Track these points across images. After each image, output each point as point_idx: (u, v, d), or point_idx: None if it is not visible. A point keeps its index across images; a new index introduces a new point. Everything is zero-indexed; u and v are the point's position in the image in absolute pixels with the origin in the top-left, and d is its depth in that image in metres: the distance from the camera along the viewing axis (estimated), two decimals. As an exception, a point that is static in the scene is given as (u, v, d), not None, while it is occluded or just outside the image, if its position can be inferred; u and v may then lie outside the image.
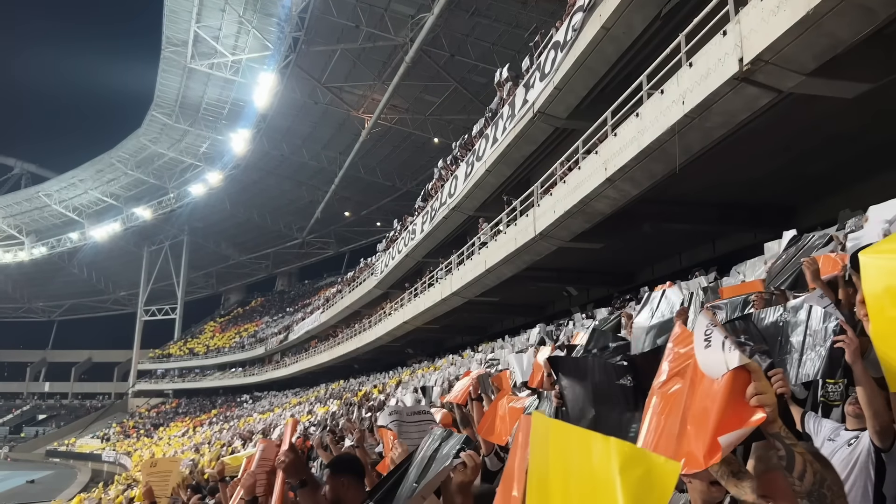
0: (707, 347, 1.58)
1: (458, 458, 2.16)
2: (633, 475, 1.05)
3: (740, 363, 1.49)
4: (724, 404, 1.49)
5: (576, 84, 15.04)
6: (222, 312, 79.47)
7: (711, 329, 1.60)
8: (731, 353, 1.51)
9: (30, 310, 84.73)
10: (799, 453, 1.50)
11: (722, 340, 1.55)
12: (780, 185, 12.90)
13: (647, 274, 18.43)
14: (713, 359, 1.56)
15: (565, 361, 3.35)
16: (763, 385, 1.47)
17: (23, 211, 65.72)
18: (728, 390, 1.49)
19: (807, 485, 1.49)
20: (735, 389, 1.49)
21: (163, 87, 47.36)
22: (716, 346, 1.56)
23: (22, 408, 74.55)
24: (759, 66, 8.15)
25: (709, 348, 1.58)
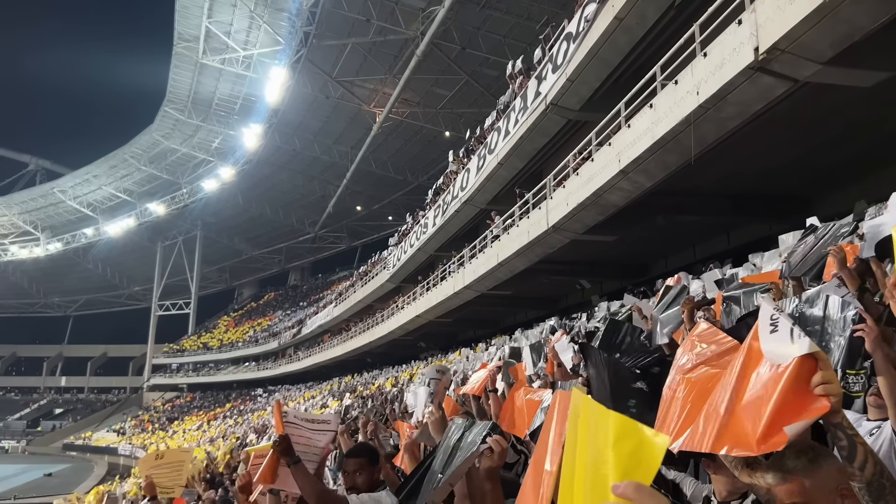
0: (773, 333, 1.60)
1: (484, 443, 2.16)
2: (625, 448, 1.06)
3: (810, 350, 1.50)
4: (786, 391, 1.50)
5: (588, 75, 14.94)
6: (236, 307, 79.96)
7: (778, 315, 1.62)
8: (800, 339, 1.52)
9: (46, 305, 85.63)
10: (860, 444, 1.52)
11: (790, 328, 1.56)
12: (795, 176, 12.77)
13: (660, 266, 18.34)
14: (780, 344, 1.57)
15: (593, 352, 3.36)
16: (830, 374, 1.49)
17: (38, 207, 66.30)
18: (792, 377, 1.50)
19: (867, 475, 1.51)
20: (799, 377, 1.50)
21: (175, 83, 47.53)
22: (783, 333, 1.57)
23: (39, 402, 75.42)
24: (775, 56, 8.07)
25: (775, 334, 1.59)
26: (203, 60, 43.72)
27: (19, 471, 41.44)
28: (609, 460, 1.07)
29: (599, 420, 1.15)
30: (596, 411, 1.18)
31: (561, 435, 1.63)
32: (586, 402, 1.22)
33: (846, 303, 3.16)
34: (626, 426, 1.10)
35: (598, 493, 1.07)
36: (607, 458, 1.08)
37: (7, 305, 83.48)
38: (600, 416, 1.15)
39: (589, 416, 1.18)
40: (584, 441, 1.17)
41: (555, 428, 1.71)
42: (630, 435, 1.08)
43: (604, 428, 1.12)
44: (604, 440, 1.10)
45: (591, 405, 1.20)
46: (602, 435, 1.11)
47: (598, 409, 1.18)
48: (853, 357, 3.02)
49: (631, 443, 1.07)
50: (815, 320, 3.21)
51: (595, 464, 1.11)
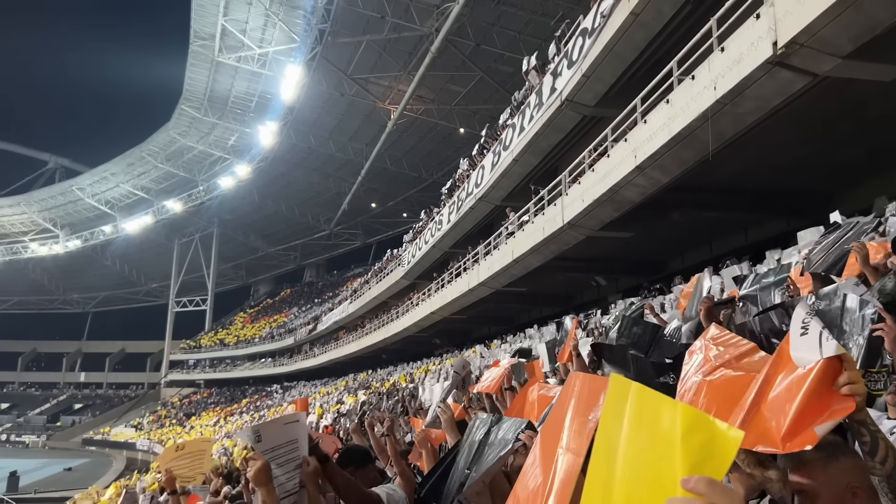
0: (803, 335, 1.65)
1: (518, 440, 2.16)
2: (695, 440, 1.02)
3: (837, 353, 1.55)
4: (811, 391, 1.56)
5: (604, 71, 14.87)
6: (252, 303, 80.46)
7: (809, 319, 1.67)
8: (827, 342, 1.58)
9: (65, 301, 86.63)
10: (882, 439, 1.58)
11: (820, 330, 1.62)
12: (814, 172, 12.65)
13: (677, 263, 18.23)
14: (808, 346, 1.63)
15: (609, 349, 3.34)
16: (855, 375, 1.55)
17: (57, 205, 67.00)
18: (818, 378, 1.56)
19: (888, 469, 1.56)
20: (825, 378, 1.55)
21: (191, 81, 47.81)
22: (813, 335, 1.63)
23: (59, 397, 76.31)
24: (794, 50, 7.98)
25: (805, 336, 1.65)
26: (219, 58, 43.95)
27: (40, 465, 42.00)
28: (675, 453, 1.03)
29: (662, 410, 1.10)
30: (655, 400, 1.14)
31: (584, 420, 1.63)
32: (640, 390, 1.17)
33: (865, 301, 3.11)
34: (698, 418, 1.06)
35: (659, 487, 1.03)
36: (673, 450, 1.03)
37: (27, 302, 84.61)
38: (663, 405, 1.11)
39: (644, 406, 1.14)
40: (635, 431, 1.13)
41: (574, 411, 1.70)
42: (701, 427, 1.04)
43: (668, 419, 1.08)
44: (668, 432, 1.06)
45: (648, 394, 1.16)
46: (665, 426, 1.07)
47: (658, 398, 1.14)
48: (873, 356, 2.98)
49: (702, 436, 1.03)
50: (832, 318, 3.17)
51: (653, 456, 1.07)
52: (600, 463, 1.19)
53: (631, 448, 1.13)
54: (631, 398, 1.17)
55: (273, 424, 2.34)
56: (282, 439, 2.31)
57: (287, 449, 2.31)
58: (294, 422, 2.38)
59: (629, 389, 1.19)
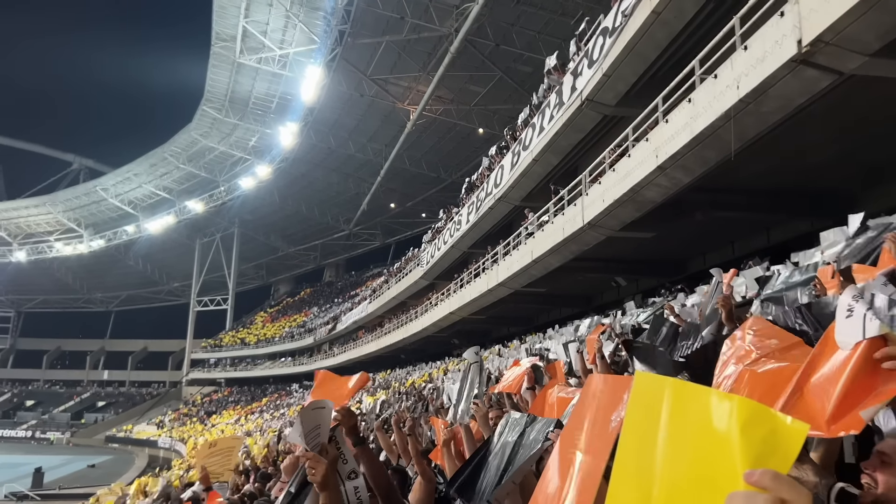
0: (849, 317, 1.64)
1: (548, 440, 2.16)
2: (757, 434, 0.98)
3: (880, 332, 1.53)
4: (856, 371, 1.53)
5: (625, 70, 14.79)
6: (272, 303, 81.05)
7: (855, 303, 1.66)
8: (871, 322, 1.56)
9: (89, 300, 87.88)
10: None
11: (864, 312, 1.60)
12: (839, 172, 12.47)
13: (698, 263, 18.06)
14: (852, 329, 1.61)
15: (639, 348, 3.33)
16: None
17: (81, 205, 67.98)
18: (862, 358, 1.54)
19: None
20: (869, 357, 1.53)
21: (213, 82, 48.26)
22: (857, 316, 1.61)
23: (83, 395, 77.39)
24: (820, 48, 7.88)
25: (850, 318, 1.63)
26: (240, 60, 44.32)
27: (64, 461, 42.59)
28: (733, 448, 0.98)
29: (712, 404, 1.05)
30: (702, 395, 1.08)
31: (606, 422, 1.59)
32: (679, 386, 1.13)
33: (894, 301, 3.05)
34: (758, 411, 1.02)
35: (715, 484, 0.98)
36: (730, 445, 0.99)
37: (53, 301, 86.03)
38: (713, 399, 1.06)
39: (687, 401, 1.10)
40: (677, 428, 1.09)
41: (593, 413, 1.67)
42: (763, 421, 1.00)
43: (722, 412, 1.03)
44: (723, 426, 1.02)
45: (691, 389, 1.11)
46: (719, 420, 1.03)
47: (704, 392, 1.09)
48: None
49: (764, 429, 0.99)
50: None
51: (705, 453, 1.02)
52: (628, 464, 1.15)
53: (673, 446, 1.09)
54: (668, 395, 1.13)
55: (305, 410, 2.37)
56: (310, 425, 2.34)
57: (312, 435, 2.34)
58: (321, 408, 2.41)
59: (663, 386, 1.14)
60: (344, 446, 2.49)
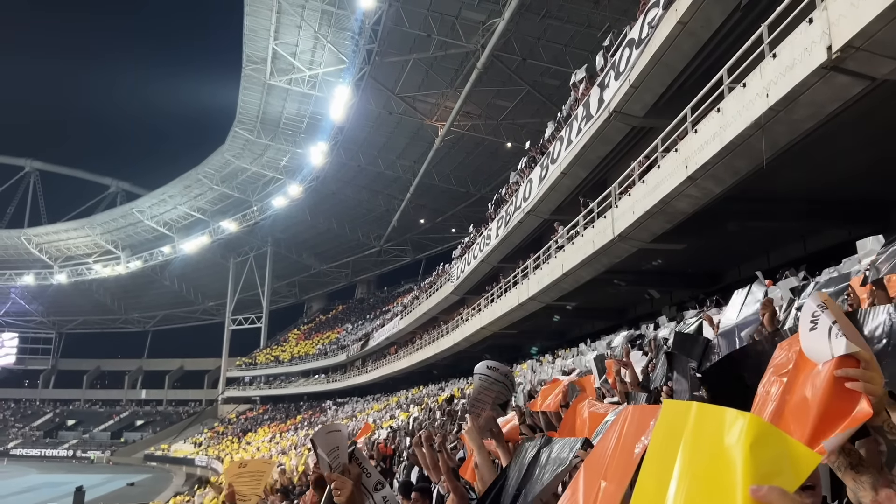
0: (812, 331, 1.48)
1: (576, 457, 2.15)
2: (765, 453, 0.98)
3: (847, 351, 1.39)
4: (826, 394, 1.39)
5: (652, 82, 14.71)
6: (305, 320, 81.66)
7: (820, 312, 1.49)
8: (837, 339, 1.41)
9: (127, 321, 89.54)
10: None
11: (829, 325, 1.44)
12: (875, 179, 12.21)
13: (733, 274, 17.77)
14: (818, 344, 1.46)
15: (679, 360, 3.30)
16: (870, 374, 1.38)
17: (119, 227, 69.54)
18: (831, 379, 1.39)
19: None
20: (840, 379, 1.39)
21: (244, 104, 49.13)
22: (822, 331, 1.45)
23: (121, 414, 78.72)
24: (850, 54, 7.76)
25: (814, 331, 1.48)
26: (271, 81, 45.09)
27: (104, 480, 43.33)
28: (741, 463, 0.98)
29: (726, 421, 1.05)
30: (718, 413, 1.08)
31: (630, 449, 1.59)
32: (701, 408, 1.12)
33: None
34: (769, 431, 1.02)
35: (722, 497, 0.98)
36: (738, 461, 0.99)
37: (91, 321, 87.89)
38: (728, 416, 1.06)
39: (705, 421, 1.09)
40: (693, 447, 1.08)
41: (620, 441, 1.67)
42: (773, 441, 1.00)
43: (734, 429, 1.03)
44: (733, 442, 1.01)
45: (710, 409, 1.10)
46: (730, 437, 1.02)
47: (721, 410, 1.08)
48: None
49: (774, 450, 0.99)
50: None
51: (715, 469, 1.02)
52: (648, 488, 1.14)
53: (688, 465, 1.08)
54: (691, 418, 1.12)
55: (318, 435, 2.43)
56: (327, 447, 2.39)
57: (332, 457, 2.39)
58: (336, 431, 2.47)
59: (689, 410, 1.14)
60: (365, 461, 2.54)
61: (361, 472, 2.43)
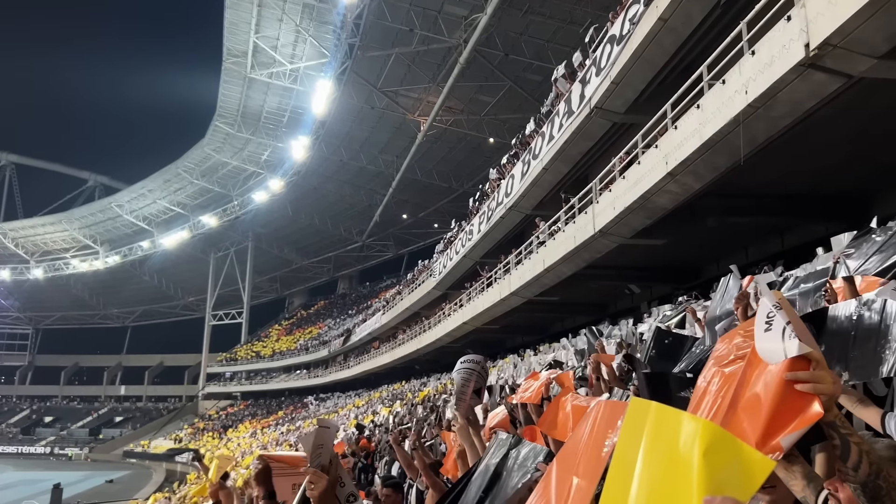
0: (767, 331, 1.49)
1: (538, 471, 2.12)
2: (718, 460, 0.98)
3: (800, 352, 1.40)
4: (779, 394, 1.41)
5: (633, 78, 14.79)
6: (286, 316, 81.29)
7: (775, 312, 1.50)
8: (790, 340, 1.42)
9: (105, 316, 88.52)
10: (855, 443, 1.45)
11: (783, 326, 1.45)
12: (852, 175, 12.38)
13: (712, 269, 17.95)
14: (772, 343, 1.47)
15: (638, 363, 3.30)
16: (820, 374, 1.40)
17: (97, 221, 68.73)
18: (783, 379, 1.41)
19: (861, 475, 1.44)
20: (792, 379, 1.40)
21: (225, 98, 48.73)
22: (776, 331, 1.46)
23: (100, 410, 77.83)
24: (827, 51, 7.85)
25: (769, 332, 1.49)
26: (251, 75, 44.75)
27: (83, 477, 42.83)
28: (694, 471, 0.99)
29: (682, 426, 1.06)
30: (675, 417, 1.09)
31: (600, 446, 1.58)
32: (659, 409, 1.13)
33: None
34: (722, 437, 1.02)
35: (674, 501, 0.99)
36: (691, 468, 0.99)
37: (69, 317, 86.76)
38: (683, 421, 1.07)
39: (662, 424, 1.10)
40: (651, 450, 1.09)
41: (590, 437, 1.66)
42: (726, 447, 1.00)
43: (688, 435, 1.04)
44: (687, 449, 1.02)
45: (667, 412, 1.12)
46: (684, 443, 1.03)
47: (677, 414, 1.09)
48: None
49: (726, 456, 0.99)
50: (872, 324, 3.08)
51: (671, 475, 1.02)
52: (615, 488, 1.15)
53: (647, 468, 1.09)
54: (650, 417, 1.14)
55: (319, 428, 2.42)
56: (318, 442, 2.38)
57: (316, 453, 2.38)
58: (327, 428, 2.45)
59: (648, 410, 1.15)
60: (342, 470, 2.52)
61: (338, 478, 2.41)
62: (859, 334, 2.70)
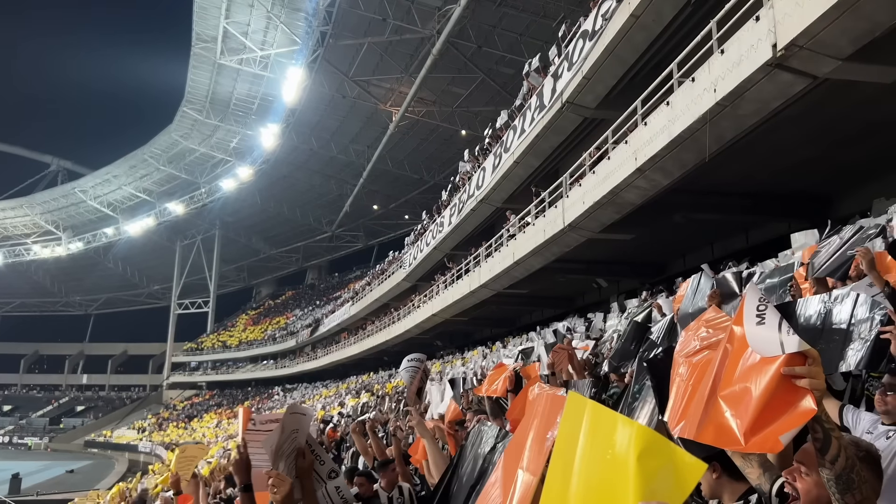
0: (760, 324, 1.54)
1: None
2: (652, 464, 0.99)
3: (800, 348, 1.45)
4: (773, 388, 1.45)
5: (605, 73, 14.88)
6: (254, 305, 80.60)
7: (765, 306, 1.56)
8: (789, 336, 1.47)
9: (67, 304, 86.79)
10: (836, 438, 1.51)
11: (778, 321, 1.51)
12: (815, 174, 12.64)
13: (678, 265, 18.23)
14: (766, 337, 1.51)
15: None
16: (816, 370, 1.46)
17: (59, 207, 67.19)
18: (778, 374, 1.45)
19: (837, 468, 1.51)
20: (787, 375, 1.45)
21: (193, 83, 47.92)
22: (770, 325, 1.51)
23: (61, 399, 76.40)
24: (794, 52, 7.98)
25: (762, 325, 1.53)
26: (221, 61, 44.04)
27: (42, 467, 42.04)
28: (628, 474, 0.99)
29: (617, 429, 1.07)
30: (610, 419, 1.10)
31: (542, 440, 1.59)
32: (595, 408, 1.14)
33: (877, 303, 3.09)
34: (655, 441, 1.02)
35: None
36: (626, 471, 1.00)
37: (30, 304, 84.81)
38: (618, 424, 1.07)
39: (599, 424, 1.11)
40: (589, 449, 1.10)
41: (535, 431, 1.67)
42: (659, 452, 1.01)
43: (623, 438, 1.04)
44: (622, 452, 1.03)
45: (603, 413, 1.13)
46: (620, 446, 1.04)
47: (613, 417, 1.10)
48: (877, 358, 2.95)
49: (659, 461, 1.00)
50: (841, 318, 3.13)
51: (607, 477, 1.03)
52: (555, 482, 1.16)
53: (585, 466, 1.10)
54: (586, 416, 1.14)
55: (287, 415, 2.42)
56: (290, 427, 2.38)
57: (290, 440, 2.38)
58: (303, 414, 2.47)
59: (584, 408, 1.17)
60: (318, 449, 2.51)
61: (314, 460, 2.40)
62: (826, 328, 2.77)
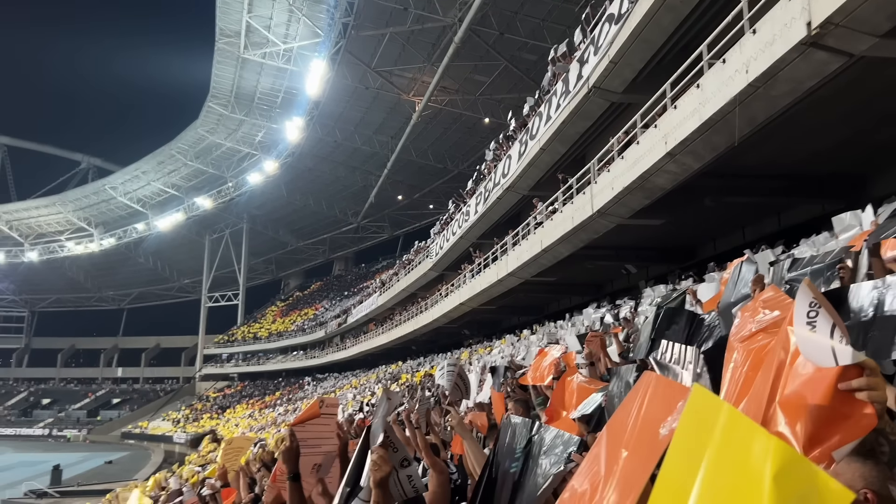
0: (812, 330, 1.45)
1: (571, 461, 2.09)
2: (790, 486, 0.92)
3: (854, 360, 1.36)
4: (827, 399, 1.37)
5: (632, 57, 14.68)
6: (283, 297, 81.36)
7: (816, 310, 1.46)
8: (842, 346, 1.38)
9: (101, 298, 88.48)
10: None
11: (830, 328, 1.41)
12: (850, 154, 12.36)
13: (709, 249, 17.99)
14: (819, 345, 1.43)
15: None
16: (875, 381, 1.37)
17: (91, 204, 68.35)
18: (834, 386, 1.37)
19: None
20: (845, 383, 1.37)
21: (218, 79, 48.28)
22: (822, 332, 1.42)
23: (97, 392, 78.06)
24: (829, 30, 7.80)
25: (813, 332, 1.44)
26: (244, 55, 44.30)
27: (81, 458, 43.05)
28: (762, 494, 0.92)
29: (753, 441, 0.99)
30: (748, 428, 1.03)
31: (656, 428, 1.54)
32: (733, 413, 1.07)
33: None
34: (795, 461, 0.95)
35: None
36: (759, 489, 0.93)
37: (65, 300, 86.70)
38: (755, 436, 1.00)
39: (734, 431, 1.04)
40: (719, 457, 1.04)
41: (643, 414, 1.61)
42: (799, 472, 0.94)
43: (759, 452, 0.97)
44: (757, 467, 0.96)
45: (741, 420, 1.06)
46: (755, 460, 0.97)
47: (751, 426, 1.03)
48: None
49: (799, 484, 0.92)
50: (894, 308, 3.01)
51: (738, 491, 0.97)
52: (672, 478, 1.12)
53: (712, 473, 1.04)
54: (722, 419, 1.08)
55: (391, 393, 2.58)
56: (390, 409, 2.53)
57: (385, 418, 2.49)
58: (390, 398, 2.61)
59: (720, 408, 1.10)
60: (393, 435, 2.53)
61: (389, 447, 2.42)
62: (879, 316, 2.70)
